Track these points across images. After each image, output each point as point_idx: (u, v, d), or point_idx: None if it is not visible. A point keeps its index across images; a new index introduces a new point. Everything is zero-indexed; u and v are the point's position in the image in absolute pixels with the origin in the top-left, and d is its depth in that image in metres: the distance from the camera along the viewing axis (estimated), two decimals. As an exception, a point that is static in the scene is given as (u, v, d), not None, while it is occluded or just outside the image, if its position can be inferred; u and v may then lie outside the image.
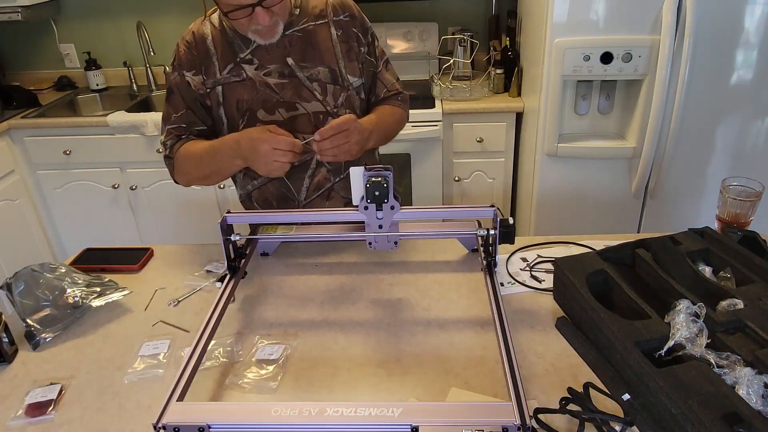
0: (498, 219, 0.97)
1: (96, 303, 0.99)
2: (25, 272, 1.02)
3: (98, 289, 1.01)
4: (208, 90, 1.14)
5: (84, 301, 0.99)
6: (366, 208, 0.95)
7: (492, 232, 0.99)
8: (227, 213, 1.02)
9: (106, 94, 2.64)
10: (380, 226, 0.97)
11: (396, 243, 0.99)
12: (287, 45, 1.13)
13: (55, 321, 0.96)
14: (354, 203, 0.95)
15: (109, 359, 0.91)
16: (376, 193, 0.92)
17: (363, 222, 0.99)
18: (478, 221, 1.07)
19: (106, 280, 1.05)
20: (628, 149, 1.86)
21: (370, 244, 0.99)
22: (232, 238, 1.02)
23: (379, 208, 0.95)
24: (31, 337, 0.94)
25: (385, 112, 1.22)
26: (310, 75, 1.14)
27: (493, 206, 1.00)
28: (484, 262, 1.02)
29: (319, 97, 1.15)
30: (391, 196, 0.93)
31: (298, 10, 1.14)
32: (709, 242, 0.98)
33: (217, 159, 1.09)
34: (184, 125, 1.16)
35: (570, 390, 0.77)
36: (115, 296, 1.02)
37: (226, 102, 1.15)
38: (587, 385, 0.77)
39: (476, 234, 1.04)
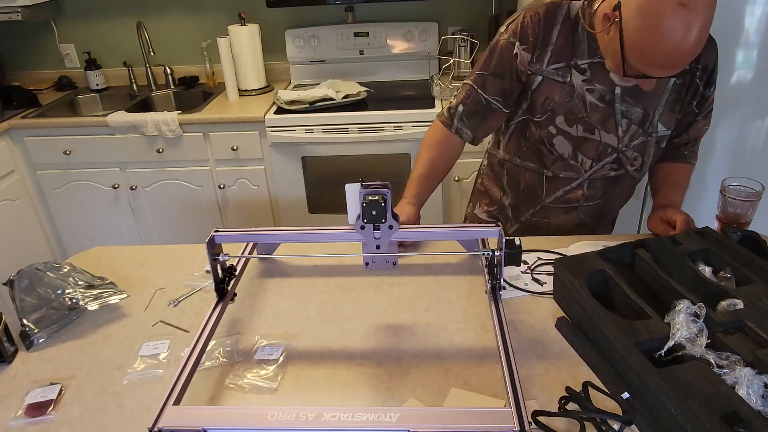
0: (504, 239, 0.89)
1: (92, 306, 0.98)
2: (28, 270, 1.02)
3: (95, 292, 1.01)
4: (529, 73, 1.10)
5: (80, 302, 0.98)
6: (362, 227, 0.88)
7: (497, 253, 0.91)
8: (215, 231, 0.95)
9: (106, 94, 2.64)
10: (378, 246, 0.90)
11: (395, 264, 0.91)
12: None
13: (51, 322, 0.96)
14: (350, 222, 0.89)
15: (108, 359, 0.91)
16: (373, 213, 0.85)
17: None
18: (482, 240, 1.03)
19: (108, 281, 1.05)
20: (628, 149, 1.86)
21: (367, 264, 0.92)
22: (221, 258, 0.96)
23: (376, 227, 0.87)
24: (25, 337, 0.94)
25: (679, 176, 1.21)
26: (625, 110, 1.10)
27: (498, 225, 0.92)
28: (489, 285, 0.94)
29: (620, 134, 1.12)
30: (389, 215, 0.86)
31: None
32: (709, 242, 0.98)
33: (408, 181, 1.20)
34: (480, 91, 1.15)
35: (568, 389, 0.77)
36: (113, 300, 1.01)
37: (536, 91, 1.11)
38: (586, 384, 0.77)
39: (481, 254, 0.98)
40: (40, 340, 0.95)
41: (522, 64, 1.10)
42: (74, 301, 0.97)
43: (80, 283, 1.02)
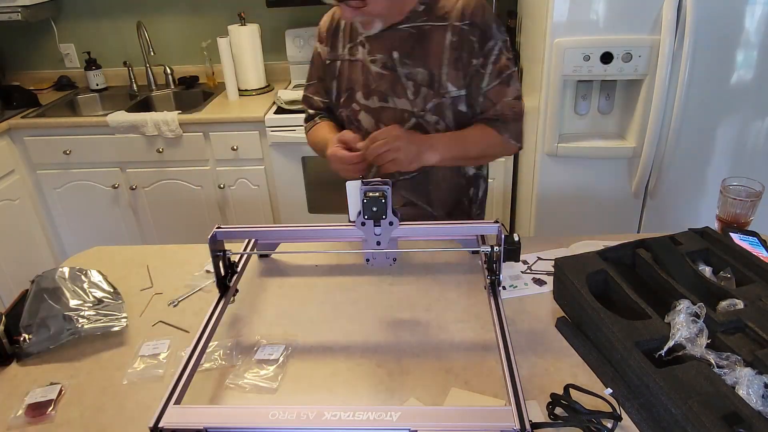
0: (502, 236, 0.90)
1: (89, 326, 0.95)
2: (50, 274, 1.02)
3: (100, 313, 0.98)
4: (328, 62, 1.22)
5: (77, 323, 0.95)
6: (363, 224, 0.89)
7: (496, 249, 0.92)
8: (217, 228, 0.97)
9: (106, 94, 2.64)
10: (378, 243, 0.92)
11: (395, 260, 0.94)
12: (397, 39, 1.13)
13: (47, 338, 0.93)
14: (350, 219, 0.90)
15: (108, 359, 0.91)
16: (374, 209, 0.87)
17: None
18: (482, 237, 1.03)
19: (119, 301, 1.02)
20: (628, 149, 1.86)
21: (368, 260, 0.94)
22: (224, 253, 0.96)
23: (377, 224, 0.89)
24: (14, 343, 0.93)
25: (471, 132, 1.14)
26: (409, 73, 1.13)
27: (497, 222, 0.94)
28: (488, 280, 0.95)
29: (410, 97, 1.14)
30: (389, 211, 0.88)
31: (423, 6, 1.12)
32: (709, 242, 0.98)
33: (321, 154, 1.19)
34: (314, 97, 1.27)
35: (553, 395, 0.76)
36: (114, 328, 0.96)
37: (338, 78, 1.21)
38: (567, 387, 0.77)
39: (479, 251, 0.99)
40: (30, 356, 0.92)
41: (325, 57, 1.22)
42: (75, 319, 0.95)
43: (90, 299, 1.00)
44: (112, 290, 1.04)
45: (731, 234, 1.03)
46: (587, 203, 1.99)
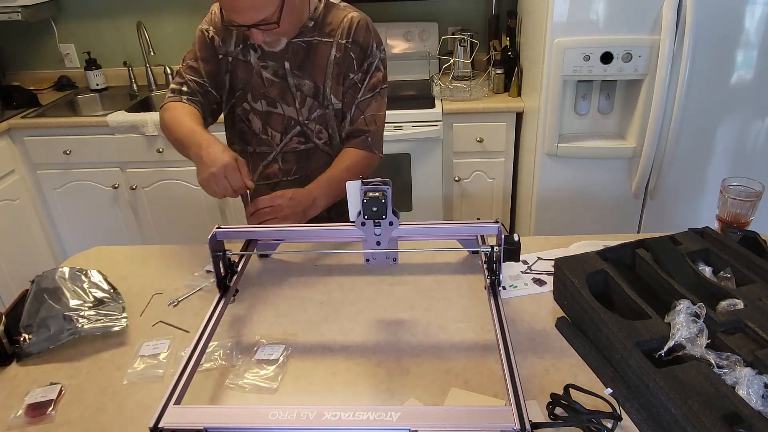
0: (502, 236, 0.90)
1: (89, 326, 0.95)
2: (50, 274, 1.02)
3: (100, 313, 0.98)
4: (220, 57, 1.22)
5: (77, 324, 0.95)
6: (363, 224, 0.89)
7: (496, 249, 0.92)
8: (217, 228, 0.96)
9: (106, 94, 2.64)
10: (378, 243, 0.92)
11: (395, 260, 0.93)
12: (290, 51, 1.19)
13: (46, 338, 0.93)
14: (351, 219, 0.90)
15: (108, 359, 0.91)
16: (374, 209, 0.87)
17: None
18: (482, 237, 1.04)
19: (120, 301, 1.02)
20: (628, 149, 1.86)
21: (368, 260, 0.94)
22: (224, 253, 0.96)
23: (377, 224, 0.89)
24: (14, 342, 0.93)
25: (343, 167, 1.20)
26: (297, 84, 1.20)
27: (497, 222, 0.93)
28: (488, 280, 0.95)
29: (297, 106, 1.22)
30: (389, 211, 0.88)
31: (312, 23, 1.19)
32: (709, 242, 0.98)
33: (184, 148, 1.11)
34: (188, 74, 1.23)
35: (553, 395, 0.76)
36: (114, 328, 0.96)
37: (231, 74, 1.23)
38: (567, 387, 0.77)
39: (479, 251, 0.99)
40: (24, 358, 0.92)
41: (216, 46, 1.22)
42: (74, 321, 0.95)
43: (90, 299, 1.00)
44: (112, 290, 1.04)
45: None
46: (587, 203, 1.99)
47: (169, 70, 2.61)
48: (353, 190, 0.87)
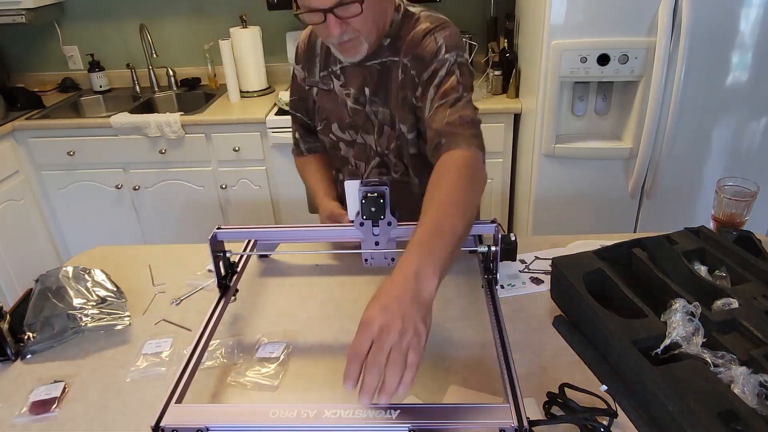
0: (499, 235, 0.92)
1: (92, 325, 0.96)
2: (54, 273, 1.03)
3: (104, 312, 0.99)
4: (307, 88, 1.20)
5: (81, 322, 0.96)
6: (362, 224, 0.90)
7: (493, 248, 0.93)
8: (217, 228, 0.98)
9: (110, 96, 2.66)
10: (377, 243, 0.92)
11: (393, 260, 0.93)
12: (368, 75, 1.08)
13: (50, 336, 0.94)
14: (349, 219, 0.92)
15: (111, 357, 0.92)
16: (372, 209, 0.88)
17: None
18: (479, 236, 1.04)
19: (122, 300, 1.03)
20: (624, 150, 1.87)
21: (366, 260, 0.95)
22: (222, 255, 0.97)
23: (375, 224, 0.90)
24: (21, 344, 0.94)
25: (437, 203, 0.78)
26: (375, 111, 1.10)
27: (494, 221, 0.95)
28: (485, 279, 0.96)
29: (375, 136, 1.13)
30: (387, 212, 0.89)
31: (388, 40, 1.05)
32: (704, 242, 0.99)
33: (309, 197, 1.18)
34: (297, 113, 1.26)
35: (549, 394, 0.77)
36: (117, 327, 0.98)
37: (316, 104, 1.20)
38: (563, 386, 0.78)
39: (476, 251, 1.00)
40: (28, 356, 0.93)
41: (302, 81, 1.20)
42: (77, 320, 0.96)
43: (94, 298, 1.01)
44: (115, 289, 1.05)
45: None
46: (584, 203, 2.00)
47: (171, 72, 2.62)
48: (352, 191, 0.88)
